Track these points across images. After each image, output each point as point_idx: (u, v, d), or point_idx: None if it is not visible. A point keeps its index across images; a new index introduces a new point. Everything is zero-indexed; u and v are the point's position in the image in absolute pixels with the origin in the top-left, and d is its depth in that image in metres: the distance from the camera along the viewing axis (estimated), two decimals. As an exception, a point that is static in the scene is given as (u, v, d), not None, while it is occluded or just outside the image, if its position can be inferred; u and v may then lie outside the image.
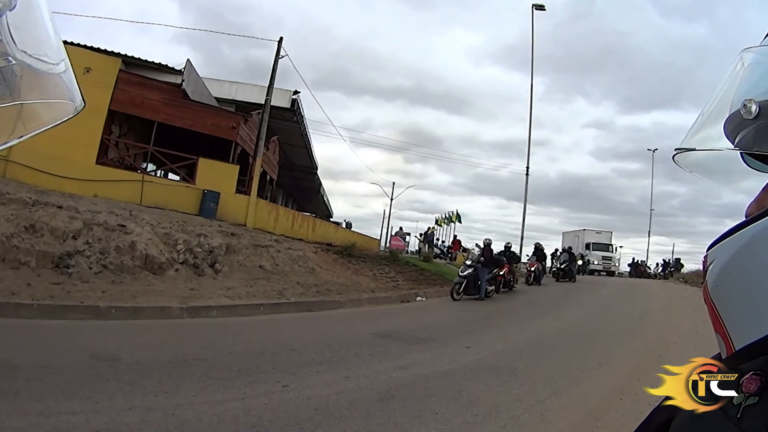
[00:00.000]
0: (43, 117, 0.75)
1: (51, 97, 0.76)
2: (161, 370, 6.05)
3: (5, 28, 0.63)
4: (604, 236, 46.59)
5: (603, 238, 46.27)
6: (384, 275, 18.31)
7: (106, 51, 19.20)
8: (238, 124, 21.16)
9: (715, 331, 0.93)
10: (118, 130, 20.33)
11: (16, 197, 11.50)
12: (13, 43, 0.65)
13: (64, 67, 0.77)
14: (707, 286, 0.93)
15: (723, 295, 0.90)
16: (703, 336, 9.06)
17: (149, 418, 4.65)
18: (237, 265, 13.83)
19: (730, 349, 0.88)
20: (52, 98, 0.77)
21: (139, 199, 17.83)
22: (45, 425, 4.25)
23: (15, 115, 0.69)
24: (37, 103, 0.74)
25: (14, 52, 0.65)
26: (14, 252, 9.82)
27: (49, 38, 0.74)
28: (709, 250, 0.96)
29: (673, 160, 1.01)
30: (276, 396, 5.64)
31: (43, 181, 15.21)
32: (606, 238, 46.53)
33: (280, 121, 25.40)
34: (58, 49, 0.76)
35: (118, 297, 9.60)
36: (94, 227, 11.45)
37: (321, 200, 47.25)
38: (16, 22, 0.64)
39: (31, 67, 0.69)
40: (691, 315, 13.24)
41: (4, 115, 0.68)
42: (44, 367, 5.64)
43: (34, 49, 0.69)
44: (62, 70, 0.77)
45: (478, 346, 9.20)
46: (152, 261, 11.74)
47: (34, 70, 0.70)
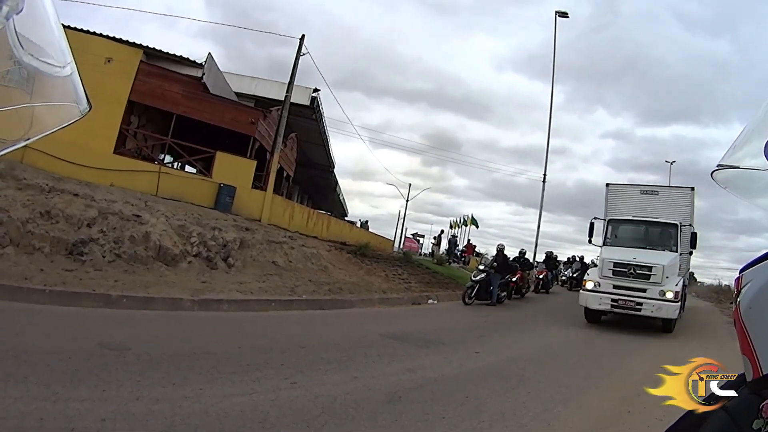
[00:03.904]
0: (49, 120, 0.75)
1: (57, 99, 0.76)
2: (170, 362, 6.05)
3: (12, 31, 0.63)
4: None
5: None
6: (396, 276, 18.31)
7: (127, 42, 19.34)
8: (257, 120, 21.20)
9: (743, 353, 0.89)
10: (137, 120, 20.48)
11: (33, 183, 11.59)
12: (20, 46, 0.64)
13: (70, 70, 0.76)
14: (739, 307, 0.91)
15: (756, 318, 0.87)
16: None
17: (156, 409, 4.65)
18: (250, 260, 13.86)
19: (757, 372, 0.84)
20: (58, 101, 0.77)
21: (155, 190, 17.93)
22: (51, 411, 4.25)
23: (22, 117, 0.69)
24: (44, 105, 0.74)
25: (21, 55, 0.65)
26: (29, 237, 9.89)
27: (55, 41, 0.74)
28: (744, 271, 0.92)
29: (711, 176, 0.98)
30: (283, 393, 5.62)
31: (61, 168, 15.30)
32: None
33: (299, 118, 25.46)
34: (64, 52, 0.75)
35: (130, 286, 9.64)
36: (109, 216, 11.51)
37: (337, 199, 47.29)
38: (23, 26, 0.64)
39: (37, 70, 0.69)
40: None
41: (10, 118, 0.67)
42: (53, 353, 5.67)
43: (40, 53, 0.69)
44: (68, 73, 0.76)
45: (487, 352, 9.16)
46: (166, 252, 11.78)
47: (40, 73, 0.69)
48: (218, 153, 20.59)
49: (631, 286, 13.87)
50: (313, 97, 24.71)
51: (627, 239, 15.68)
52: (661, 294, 13.44)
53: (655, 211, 16.10)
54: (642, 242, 15.31)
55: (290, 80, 21.89)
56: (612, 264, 14.44)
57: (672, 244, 14.81)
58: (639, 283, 13.80)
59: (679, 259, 14.66)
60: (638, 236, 15.67)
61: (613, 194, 17.44)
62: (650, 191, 17.16)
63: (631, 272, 13.99)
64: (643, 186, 17.88)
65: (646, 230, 15.76)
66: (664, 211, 16.08)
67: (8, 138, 0.68)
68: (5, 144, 0.68)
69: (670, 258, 14.27)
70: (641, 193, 17.18)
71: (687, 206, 16.19)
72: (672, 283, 13.72)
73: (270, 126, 22.50)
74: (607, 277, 14.35)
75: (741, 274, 0.93)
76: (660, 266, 13.77)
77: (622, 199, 17.20)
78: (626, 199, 17.15)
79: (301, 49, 21.72)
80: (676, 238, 14.86)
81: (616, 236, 15.99)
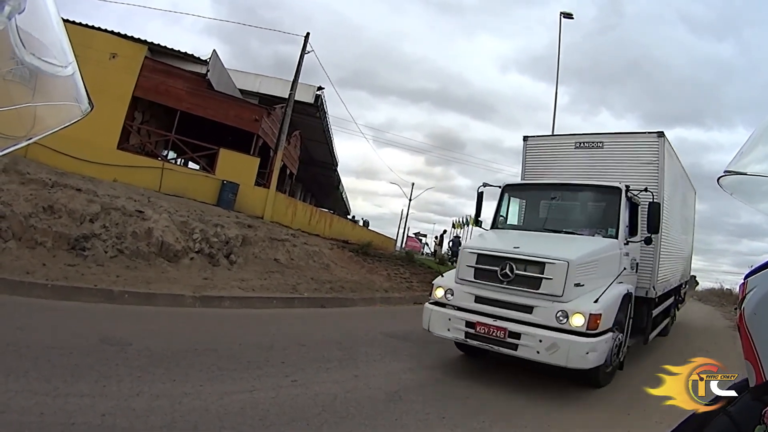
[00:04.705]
0: (51, 119, 0.75)
1: (59, 99, 0.77)
2: (170, 358, 6.06)
3: (14, 31, 0.63)
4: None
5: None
6: (398, 275, 18.30)
7: (132, 38, 19.36)
8: (260, 117, 21.23)
9: (746, 358, 0.89)
10: (140, 116, 20.51)
11: (36, 178, 11.60)
12: (21, 45, 0.65)
13: (72, 70, 0.77)
14: (744, 313, 0.91)
15: (760, 323, 0.87)
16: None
17: (156, 405, 4.66)
18: (252, 257, 13.86)
19: (760, 378, 0.84)
20: (60, 100, 0.77)
21: (158, 186, 17.96)
22: (52, 406, 4.26)
23: (24, 117, 0.69)
24: (45, 105, 0.74)
25: (23, 54, 0.65)
26: (31, 232, 9.90)
27: (57, 41, 0.74)
28: (749, 277, 0.92)
29: (717, 182, 0.97)
30: (284, 390, 5.63)
31: (64, 163, 15.35)
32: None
33: (303, 116, 25.52)
34: (66, 52, 0.76)
35: (132, 282, 9.65)
36: (111, 211, 11.52)
37: (339, 197, 47.31)
38: (25, 25, 0.65)
39: (39, 69, 0.69)
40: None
41: (12, 118, 0.67)
42: (54, 348, 5.68)
43: (42, 52, 0.69)
44: (70, 72, 0.76)
45: (488, 353, 9.13)
46: (168, 248, 11.78)
47: (42, 73, 0.70)
48: (221, 150, 20.62)
49: (505, 301, 7.28)
50: (317, 95, 24.75)
51: (534, 219, 9.41)
52: (561, 318, 6.84)
53: (600, 176, 9.32)
54: (559, 223, 8.92)
55: (294, 78, 21.88)
56: (474, 258, 7.75)
57: (607, 225, 8.38)
58: (519, 295, 7.22)
59: (619, 250, 8.09)
60: (553, 214, 9.26)
61: (533, 152, 10.72)
62: (590, 143, 9.93)
63: (506, 274, 7.31)
64: (579, 136, 10.32)
65: (564, 203, 9.30)
66: (614, 174, 9.26)
67: (10, 137, 0.68)
68: (7, 143, 0.68)
69: (589, 248, 7.75)
70: (576, 147, 10.05)
71: (652, 163, 9.30)
72: (588, 299, 6.99)
73: (274, 123, 22.51)
74: (466, 282, 7.76)
75: (746, 280, 0.93)
76: (559, 264, 7.10)
77: (548, 158, 10.48)
78: (554, 158, 10.38)
79: (305, 47, 21.71)
80: (615, 214, 8.33)
81: (522, 215, 9.85)
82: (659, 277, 9.61)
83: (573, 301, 6.90)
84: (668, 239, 10.28)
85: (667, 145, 9.59)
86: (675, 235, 11.46)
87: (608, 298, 7.13)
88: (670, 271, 11.23)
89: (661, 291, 9.93)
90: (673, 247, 11.38)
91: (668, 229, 10.10)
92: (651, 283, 9.25)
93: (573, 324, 6.70)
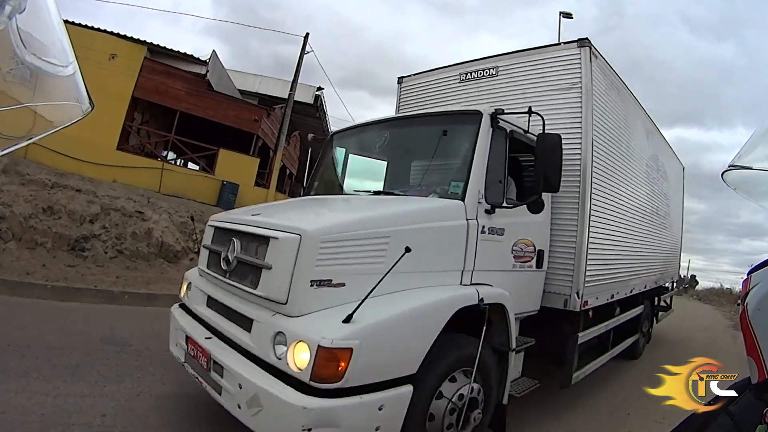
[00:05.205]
0: (52, 119, 0.74)
1: (60, 98, 0.76)
2: (171, 359, 6.05)
3: (15, 31, 0.62)
4: None
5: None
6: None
7: (132, 38, 19.33)
8: (260, 117, 21.19)
9: (748, 354, 0.89)
10: (140, 117, 20.50)
11: (36, 178, 11.60)
12: (22, 45, 0.64)
13: (72, 70, 0.76)
14: (747, 309, 0.90)
15: (764, 319, 0.86)
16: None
17: (156, 406, 4.65)
18: (251, 257, 13.80)
19: (762, 373, 0.84)
20: (61, 100, 0.76)
21: (158, 187, 17.95)
22: (52, 406, 4.28)
23: (25, 116, 0.68)
24: (46, 105, 0.73)
25: (24, 54, 0.64)
26: (31, 232, 9.90)
27: (58, 41, 0.73)
28: (752, 272, 0.92)
29: (721, 177, 0.97)
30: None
31: (63, 164, 15.35)
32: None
33: (303, 117, 25.47)
34: (66, 52, 0.76)
35: (132, 283, 9.63)
36: (111, 212, 11.52)
37: (338, 197, 47.17)
38: (26, 26, 0.63)
39: (40, 69, 0.68)
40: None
41: (14, 117, 0.66)
42: (54, 348, 5.68)
43: (43, 52, 0.68)
44: (71, 72, 0.76)
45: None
46: (168, 249, 11.78)
47: (43, 73, 0.69)
48: (221, 150, 20.60)
49: (227, 306, 3.96)
50: (316, 95, 24.72)
51: (355, 178, 6.06)
52: (278, 348, 3.31)
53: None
54: (391, 180, 5.80)
55: (294, 78, 21.85)
56: (211, 235, 4.56)
57: (450, 178, 4.56)
58: (240, 296, 3.87)
59: (465, 221, 4.20)
60: (379, 168, 6.05)
61: (408, 96, 7.37)
62: (480, 72, 6.41)
63: (227, 259, 4.02)
64: (465, 65, 6.68)
65: (395, 150, 5.74)
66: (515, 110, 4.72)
67: (11, 136, 0.68)
68: (8, 142, 0.68)
69: (373, 213, 4.02)
70: (462, 81, 6.59)
71: (573, 87, 5.48)
72: (338, 314, 3.19)
73: (273, 124, 22.49)
74: (203, 272, 4.66)
75: (749, 276, 0.92)
76: (285, 240, 3.46)
77: (426, 100, 7.03)
78: (432, 99, 6.93)
79: (305, 47, 21.67)
80: (466, 159, 4.40)
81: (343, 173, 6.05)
82: (593, 278, 5.76)
83: (306, 316, 3.36)
84: (620, 215, 6.78)
85: (600, 61, 6.05)
86: (639, 213, 7.86)
87: (399, 313, 3.41)
88: (629, 268, 7.52)
89: (599, 300, 6.11)
90: (636, 231, 7.74)
91: (617, 196, 6.58)
92: (574, 287, 5.37)
93: (292, 362, 3.17)
